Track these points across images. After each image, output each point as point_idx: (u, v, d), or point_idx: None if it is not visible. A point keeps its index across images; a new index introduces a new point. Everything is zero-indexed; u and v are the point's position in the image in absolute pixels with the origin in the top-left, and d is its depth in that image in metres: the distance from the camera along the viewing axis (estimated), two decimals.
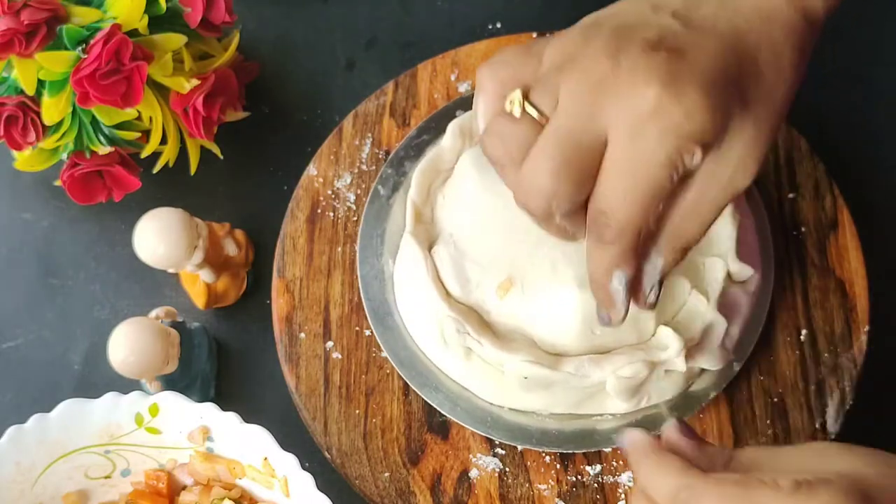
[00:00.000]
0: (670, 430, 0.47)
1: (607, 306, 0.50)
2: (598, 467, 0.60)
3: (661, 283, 0.50)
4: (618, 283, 0.49)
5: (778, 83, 0.47)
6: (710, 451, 0.47)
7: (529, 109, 0.46)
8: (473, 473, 0.60)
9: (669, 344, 0.56)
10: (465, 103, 0.67)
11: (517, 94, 0.47)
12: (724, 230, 0.59)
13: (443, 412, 0.60)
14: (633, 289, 0.50)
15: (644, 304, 0.51)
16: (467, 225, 0.60)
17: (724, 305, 0.59)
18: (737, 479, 0.43)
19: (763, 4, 0.48)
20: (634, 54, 0.45)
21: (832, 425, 0.61)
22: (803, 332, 0.64)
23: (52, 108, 0.63)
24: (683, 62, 0.45)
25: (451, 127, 0.63)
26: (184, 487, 0.59)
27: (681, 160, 0.45)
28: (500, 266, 0.58)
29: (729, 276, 0.60)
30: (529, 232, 0.54)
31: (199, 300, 0.67)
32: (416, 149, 0.66)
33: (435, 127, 0.67)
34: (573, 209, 0.47)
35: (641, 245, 0.48)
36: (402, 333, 0.62)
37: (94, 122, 0.65)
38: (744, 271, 0.60)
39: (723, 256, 0.59)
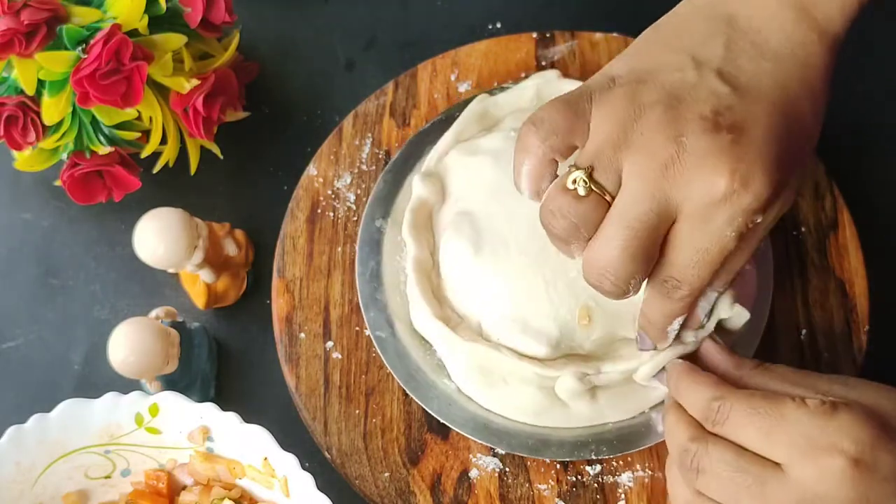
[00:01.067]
0: (707, 343, 0.54)
1: (660, 341, 0.54)
2: (598, 467, 0.60)
3: (712, 310, 0.54)
4: (676, 325, 0.52)
5: (816, 125, 0.50)
6: (742, 360, 0.53)
7: (594, 189, 0.48)
8: (473, 473, 0.60)
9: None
10: (463, 107, 0.67)
11: (580, 175, 0.48)
12: None
13: (459, 430, 0.61)
14: (687, 321, 0.54)
15: (696, 327, 0.55)
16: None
17: None
18: (765, 394, 0.48)
19: (798, 50, 0.49)
20: (697, 135, 0.46)
21: None
22: (803, 332, 0.64)
23: (52, 108, 0.63)
24: (745, 141, 0.46)
25: (416, 178, 0.63)
26: (184, 487, 0.59)
27: (747, 228, 0.48)
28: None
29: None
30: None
31: (199, 300, 0.67)
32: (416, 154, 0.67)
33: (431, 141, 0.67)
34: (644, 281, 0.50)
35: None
36: (401, 338, 0.62)
37: (94, 122, 0.65)
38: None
39: None
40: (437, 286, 0.61)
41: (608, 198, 0.47)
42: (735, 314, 0.59)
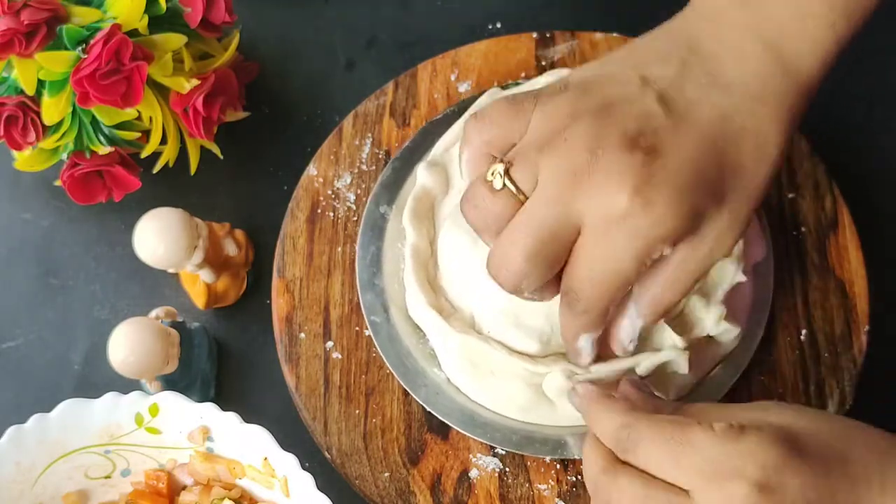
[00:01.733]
0: (624, 381, 0.52)
1: (575, 358, 0.54)
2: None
3: (636, 341, 0.53)
4: (584, 343, 0.52)
5: (759, 170, 0.48)
6: (658, 401, 0.51)
7: (509, 185, 0.48)
8: (473, 473, 0.60)
9: (668, 343, 0.57)
10: (466, 105, 0.67)
11: (499, 168, 0.48)
12: None
13: (444, 419, 0.60)
14: (609, 339, 0.53)
15: (622, 352, 0.54)
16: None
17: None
18: (673, 419, 0.46)
19: (755, 82, 0.48)
20: (611, 150, 0.46)
21: None
22: (803, 332, 0.64)
23: (52, 108, 0.63)
24: (658, 165, 0.46)
25: (421, 167, 0.63)
26: (184, 487, 0.59)
27: (649, 257, 0.47)
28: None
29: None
30: None
31: (199, 300, 0.67)
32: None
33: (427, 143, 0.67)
34: (541, 287, 0.50)
35: (612, 311, 0.50)
36: (399, 336, 0.62)
37: (94, 122, 0.65)
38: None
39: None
40: (434, 276, 0.61)
41: (521, 197, 0.48)
42: (723, 331, 0.59)
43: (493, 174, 0.48)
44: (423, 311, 0.60)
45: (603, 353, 0.55)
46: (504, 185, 0.48)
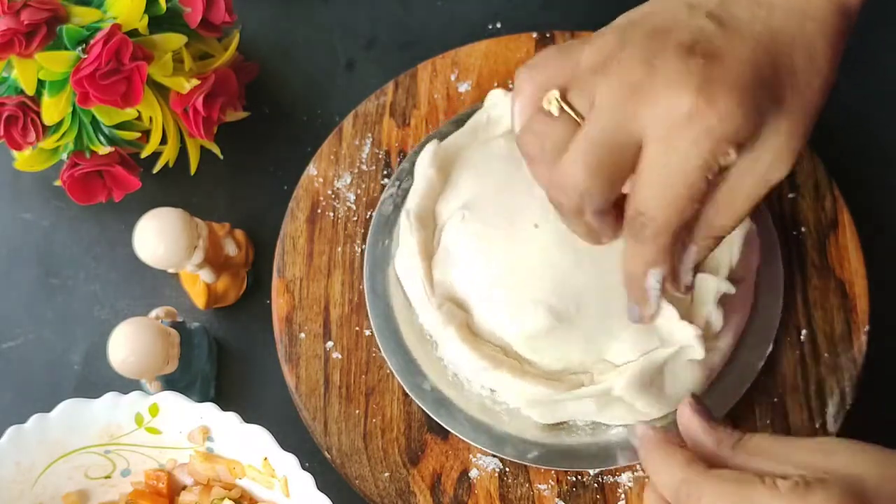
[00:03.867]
0: (683, 406, 0.50)
1: (641, 303, 0.52)
2: (596, 468, 0.60)
3: (695, 269, 0.52)
4: (654, 281, 0.50)
5: (812, 80, 0.48)
6: (720, 431, 0.49)
7: (567, 109, 0.47)
8: (473, 473, 0.60)
9: (681, 332, 0.56)
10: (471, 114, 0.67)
11: (554, 94, 0.48)
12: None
13: (445, 425, 0.61)
14: (669, 278, 0.51)
15: (681, 289, 0.52)
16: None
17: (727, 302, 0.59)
18: (736, 477, 0.45)
19: (797, 1, 0.48)
20: (669, 59, 0.46)
21: (832, 425, 0.61)
22: (803, 332, 0.64)
23: (52, 108, 0.63)
24: (717, 66, 0.45)
25: (424, 164, 0.63)
26: (184, 487, 0.59)
27: (715, 161, 0.46)
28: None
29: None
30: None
31: (199, 300, 0.67)
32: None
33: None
34: (604, 207, 0.48)
35: (678, 240, 0.49)
36: (401, 336, 0.62)
37: (94, 122, 0.65)
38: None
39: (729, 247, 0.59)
40: (443, 275, 0.61)
41: (580, 120, 0.47)
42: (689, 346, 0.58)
43: (549, 101, 0.48)
44: (429, 318, 0.60)
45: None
46: (562, 109, 0.47)
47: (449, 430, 0.60)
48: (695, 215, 0.49)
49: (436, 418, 0.60)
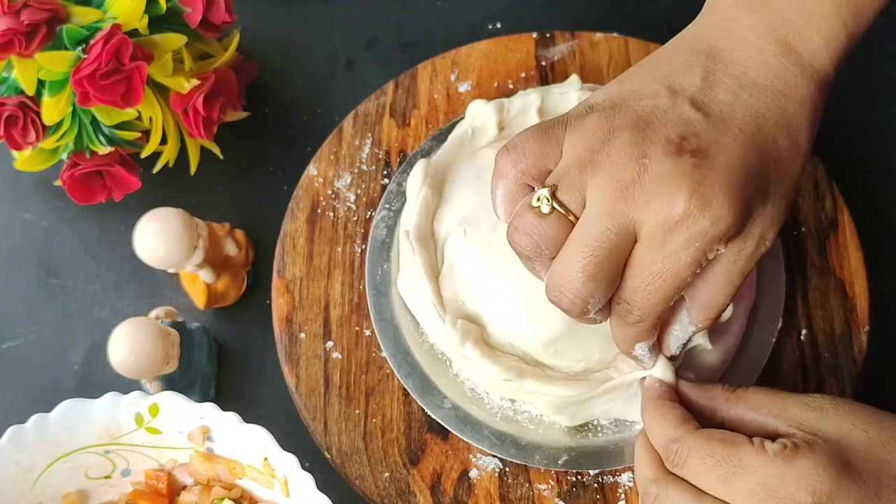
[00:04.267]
0: (680, 380, 0.53)
1: (637, 363, 0.54)
2: (598, 468, 0.60)
3: (686, 342, 0.53)
4: (640, 351, 0.52)
5: (795, 163, 0.49)
6: (715, 388, 0.51)
7: (557, 207, 0.47)
8: (473, 473, 0.60)
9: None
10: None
11: (545, 193, 0.47)
12: None
13: (448, 427, 0.61)
14: (658, 345, 0.53)
15: (669, 356, 0.54)
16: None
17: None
18: (724, 437, 0.47)
19: (778, 82, 0.49)
20: (660, 159, 0.46)
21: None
22: (803, 332, 0.64)
23: (52, 108, 0.63)
24: (708, 166, 0.46)
25: (416, 182, 0.63)
26: (184, 487, 0.59)
27: (705, 258, 0.47)
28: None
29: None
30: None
31: (199, 300, 0.67)
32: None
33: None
34: (605, 303, 0.49)
35: (661, 320, 0.50)
36: (402, 336, 0.62)
37: (94, 122, 0.65)
38: None
39: None
40: (447, 288, 0.60)
41: (571, 218, 0.47)
42: (703, 348, 0.59)
43: (538, 199, 0.48)
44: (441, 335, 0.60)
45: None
46: (553, 208, 0.47)
47: (476, 445, 0.60)
48: (680, 300, 0.50)
49: (460, 435, 0.60)
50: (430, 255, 0.60)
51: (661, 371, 0.53)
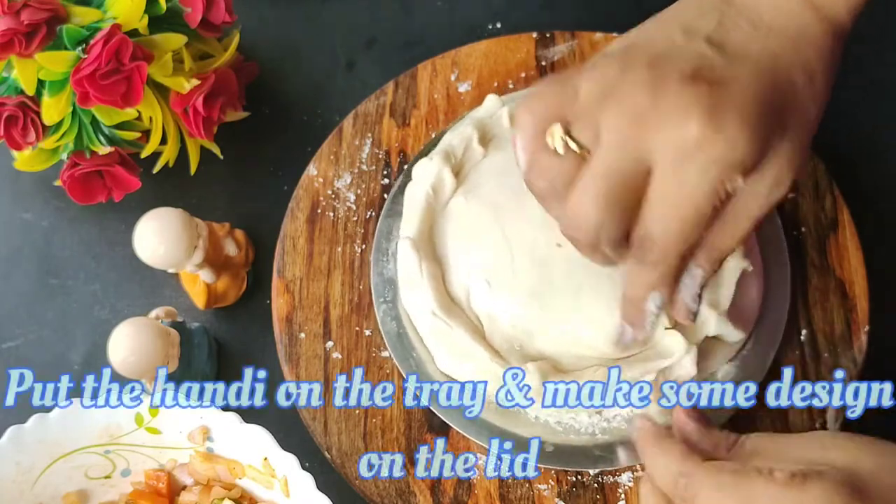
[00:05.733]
0: (679, 410, 0.51)
1: (636, 325, 0.52)
2: (598, 467, 0.60)
3: (700, 294, 0.52)
4: (653, 305, 0.50)
5: (811, 102, 0.48)
6: (715, 435, 0.49)
7: (571, 144, 0.47)
8: (473, 473, 0.60)
9: (675, 349, 0.57)
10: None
11: (557, 129, 0.47)
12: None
13: (451, 423, 0.61)
14: (673, 307, 0.52)
15: (687, 316, 0.52)
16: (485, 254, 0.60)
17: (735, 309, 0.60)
18: (733, 468, 0.45)
19: (792, 24, 0.48)
20: (674, 87, 0.45)
21: (832, 425, 0.61)
22: (803, 332, 0.64)
23: (52, 108, 0.63)
24: (723, 93, 0.45)
25: (436, 158, 0.63)
26: (184, 487, 0.59)
27: (723, 188, 0.46)
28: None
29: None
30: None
31: (199, 300, 0.67)
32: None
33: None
34: (619, 238, 0.48)
35: (683, 264, 0.49)
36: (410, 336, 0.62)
37: (94, 122, 0.65)
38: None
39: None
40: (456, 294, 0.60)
41: (586, 153, 0.47)
42: (727, 332, 0.59)
43: (552, 138, 0.47)
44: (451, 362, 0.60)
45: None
46: (566, 144, 0.47)
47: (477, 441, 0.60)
48: (699, 239, 0.49)
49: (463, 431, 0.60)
50: (466, 320, 0.59)
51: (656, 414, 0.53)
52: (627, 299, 0.52)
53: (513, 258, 0.59)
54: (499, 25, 0.76)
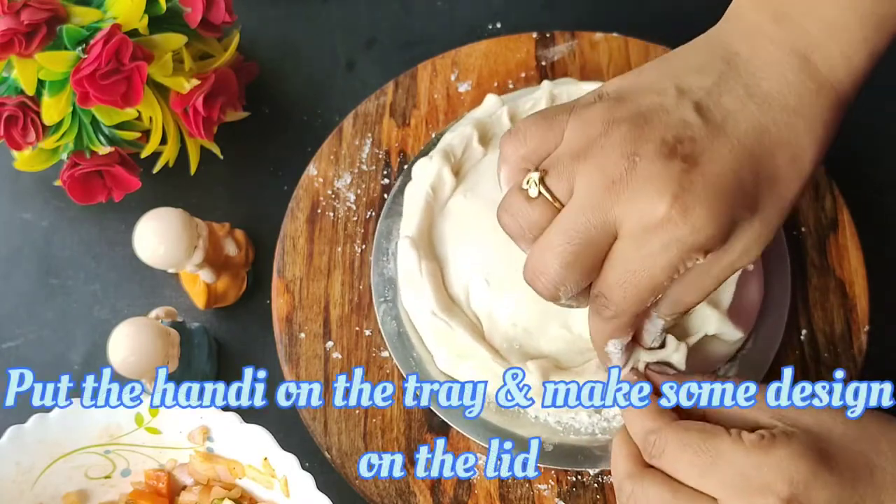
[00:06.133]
0: (651, 371, 0.54)
1: (602, 361, 0.54)
2: (598, 467, 0.60)
3: (662, 335, 0.54)
4: (613, 348, 0.52)
5: (792, 183, 0.48)
6: (694, 380, 0.52)
7: (544, 192, 0.48)
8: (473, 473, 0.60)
9: (667, 346, 0.57)
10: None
11: (534, 177, 0.48)
12: None
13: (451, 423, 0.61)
14: (634, 341, 0.54)
15: (647, 346, 0.54)
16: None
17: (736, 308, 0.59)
18: (701, 428, 0.47)
19: (791, 96, 0.48)
20: (650, 158, 0.46)
21: None
22: (803, 332, 0.64)
23: (52, 108, 0.63)
24: (697, 173, 0.46)
25: (436, 158, 0.62)
26: (184, 487, 0.59)
27: (683, 265, 0.47)
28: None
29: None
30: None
31: (199, 300, 0.67)
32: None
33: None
34: (578, 292, 0.49)
35: (638, 320, 0.50)
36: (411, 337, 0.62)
37: (94, 122, 0.65)
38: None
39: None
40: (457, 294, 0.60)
41: (557, 205, 0.47)
42: (727, 331, 0.59)
43: (528, 182, 0.48)
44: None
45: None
46: (540, 192, 0.48)
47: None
48: (657, 299, 0.50)
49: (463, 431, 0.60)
50: (466, 319, 0.59)
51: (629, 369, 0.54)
52: (592, 342, 0.53)
53: (512, 257, 0.58)
54: (499, 25, 0.76)
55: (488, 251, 0.59)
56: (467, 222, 0.61)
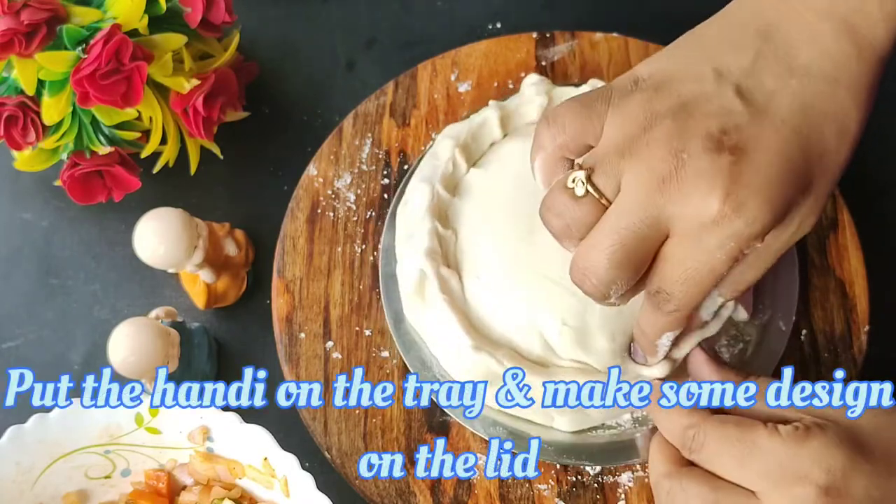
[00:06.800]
0: (696, 352, 0.54)
1: (649, 354, 0.54)
2: (598, 467, 0.60)
3: (717, 312, 0.54)
4: (665, 340, 0.52)
5: (841, 151, 0.48)
6: (729, 375, 0.52)
7: (591, 191, 0.47)
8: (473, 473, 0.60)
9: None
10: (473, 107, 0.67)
11: (580, 175, 0.47)
12: None
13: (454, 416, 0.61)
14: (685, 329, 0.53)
15: (698, 325, 0.54)
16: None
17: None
18: (739, 421, 0.48)
19: (829, 64, 0.47)
20: (698, 153, 0.45)
21: None
22: (803, 332, 0.64)
23: (52, 108, 0.63)
24: (747, 163, 0.45)
25: (445, 147, 0.63)
26: (184, 487, 0.59)
27: (741, 254, 0.47)
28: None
29: None
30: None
31: (199, 300, 0.67)
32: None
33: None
34: (628, 290, 0.49)
35: (697, 309, 0.51)
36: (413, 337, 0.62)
37: (94, 122, 0.65)
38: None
39: None
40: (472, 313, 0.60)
41: (604, 202, 0.47)
42: (733, 312, 0.59)
43: (573, 181, 0.48)
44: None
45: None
46: (587, 191, 0.47)
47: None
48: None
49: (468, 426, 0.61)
50: (466, 319, 0.59)
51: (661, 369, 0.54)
52: (641, 333, 0.53)
53: (512, 256, 0.59)
54: (499, 25, 0.76)
55: (488, 250, 0.59)
56: (467, 222, 0.61)
